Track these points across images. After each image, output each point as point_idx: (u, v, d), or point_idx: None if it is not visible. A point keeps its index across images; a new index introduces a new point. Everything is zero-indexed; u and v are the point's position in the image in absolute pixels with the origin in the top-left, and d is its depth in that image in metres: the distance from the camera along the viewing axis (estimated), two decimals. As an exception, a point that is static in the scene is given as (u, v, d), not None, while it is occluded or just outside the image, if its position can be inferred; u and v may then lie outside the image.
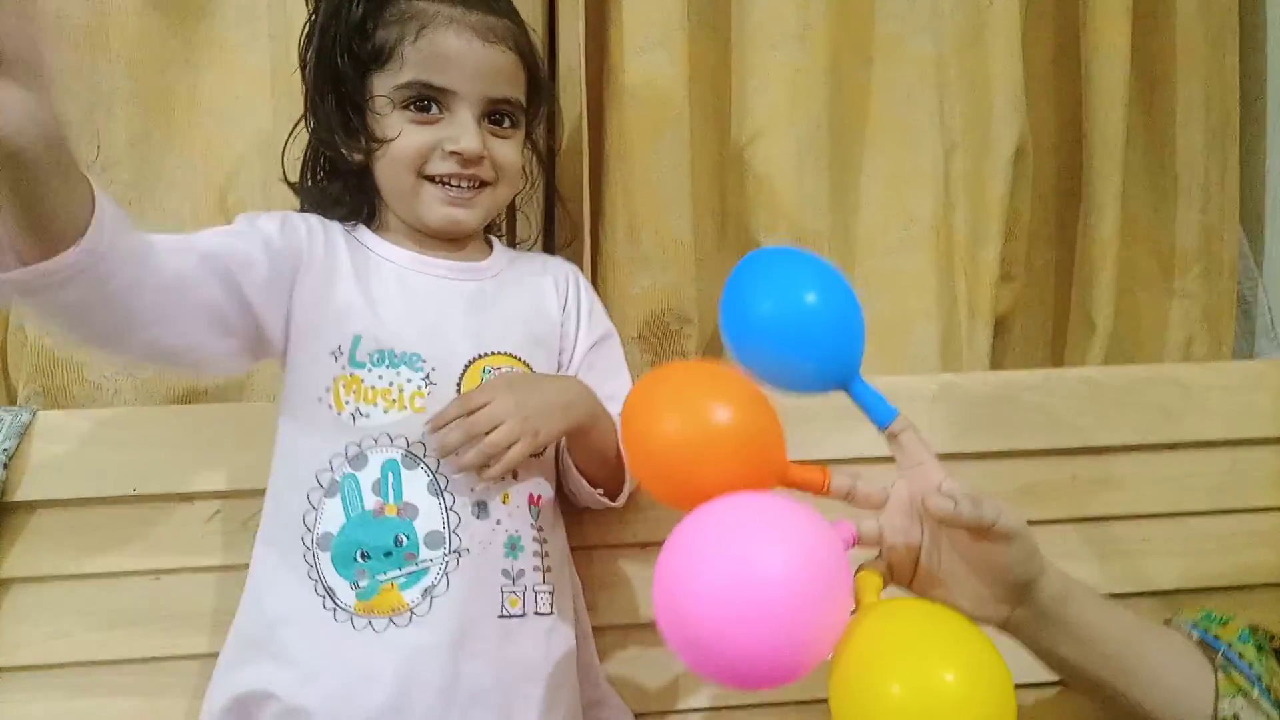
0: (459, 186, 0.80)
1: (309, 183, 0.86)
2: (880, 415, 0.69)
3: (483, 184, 0.81)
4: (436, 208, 0.80)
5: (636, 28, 0.99)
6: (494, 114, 0.81)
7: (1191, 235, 1.15)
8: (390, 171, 0.80)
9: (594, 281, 1.03)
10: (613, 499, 0.84)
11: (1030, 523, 0.91)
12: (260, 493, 0.86)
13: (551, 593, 0.78)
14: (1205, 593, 0.92)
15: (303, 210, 0.85)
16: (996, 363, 1.12)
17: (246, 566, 0.85)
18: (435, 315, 0.80)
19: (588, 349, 0.88)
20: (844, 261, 1.07)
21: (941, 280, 1.07)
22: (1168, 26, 1.13)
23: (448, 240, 0.84)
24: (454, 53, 0.77)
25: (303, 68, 0.83)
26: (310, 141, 0.85)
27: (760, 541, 0.56)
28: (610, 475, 0.83)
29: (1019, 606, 0.66)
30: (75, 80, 0.91)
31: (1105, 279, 1.10)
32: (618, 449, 0.80)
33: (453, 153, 0.78)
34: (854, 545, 0.66)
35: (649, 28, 0.99)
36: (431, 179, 0.79)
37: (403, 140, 0.78)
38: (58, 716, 0.83)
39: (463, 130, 0.78)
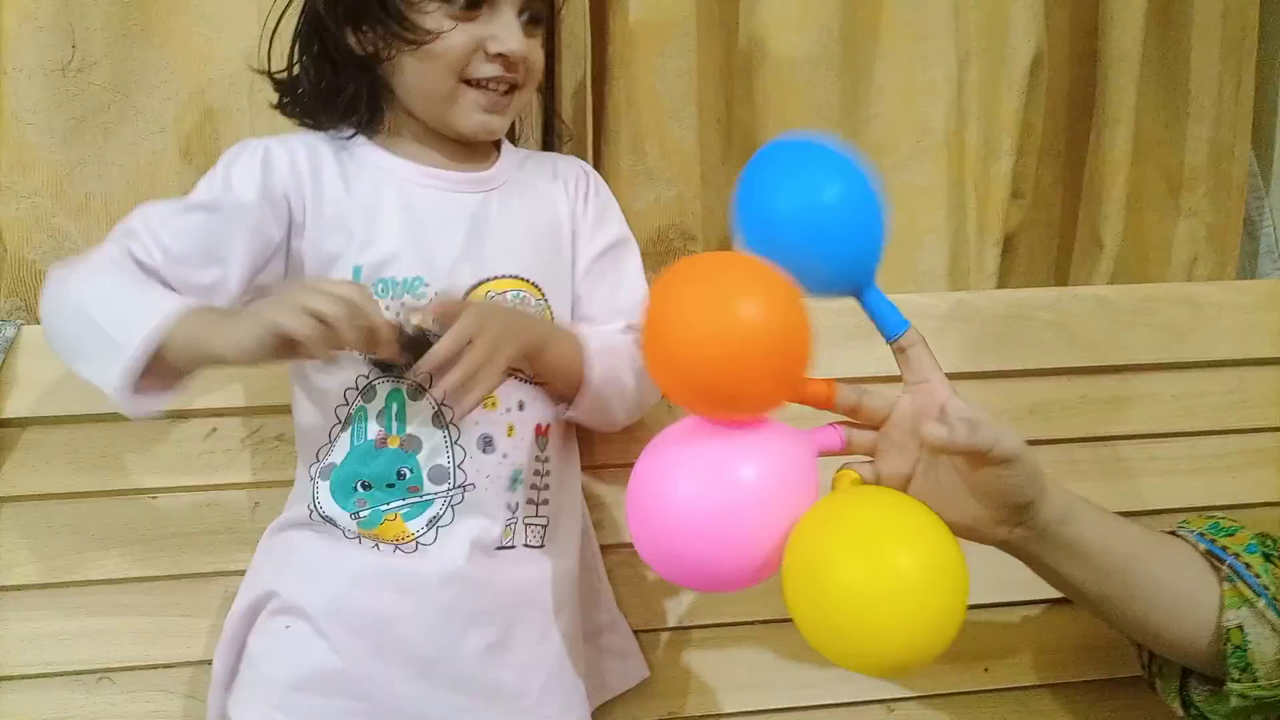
0: (496, 91, 0.75)
1: (302, 78, 0.78)
2: (891, 326, 0.67)
3: (513, 87, 0.76)
4: (474, 114, 0.75)
5: (643, -74, 0.94)
6: (525, 11, 0.75)
7: (1201, 153, 1.12)
8: (427, 72, 0.73)
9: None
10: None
11: (1038, 442, 0.93)
12: (258, 410, 0.85)
13: (544, 526, 0.77)
14: (1211, 510, 0.92)
15: (290, 112, 0.79)
16: (1002, 281, 1.11)
17: (243, 485, 0.85)
18: (436, 236, 0.75)
19: (595, 256, 0.83)
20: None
21: (952, 195, 1.05)
22: (1187, -65, 1.09)
23: (460, 145, 0.79)
24: None
25: None
26: (303, 29, 0.77)
27: (724, 452, 0.61)
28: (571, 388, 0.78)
29: (1018, 527, 0.65)
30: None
31: (1116, 197, 1.08)
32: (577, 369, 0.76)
33: (498, 55, 0.73)
34: (841, 450, 0.67)
35: (656, -74, 0.94)
36: (469, 82, 0.74)
37: (448, 38, 0.71)
38: (54, 637, 0.82)
39: (507, 30, 0.73)
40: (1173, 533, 0.77)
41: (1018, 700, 0.94)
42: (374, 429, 0.72)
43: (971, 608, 0.54)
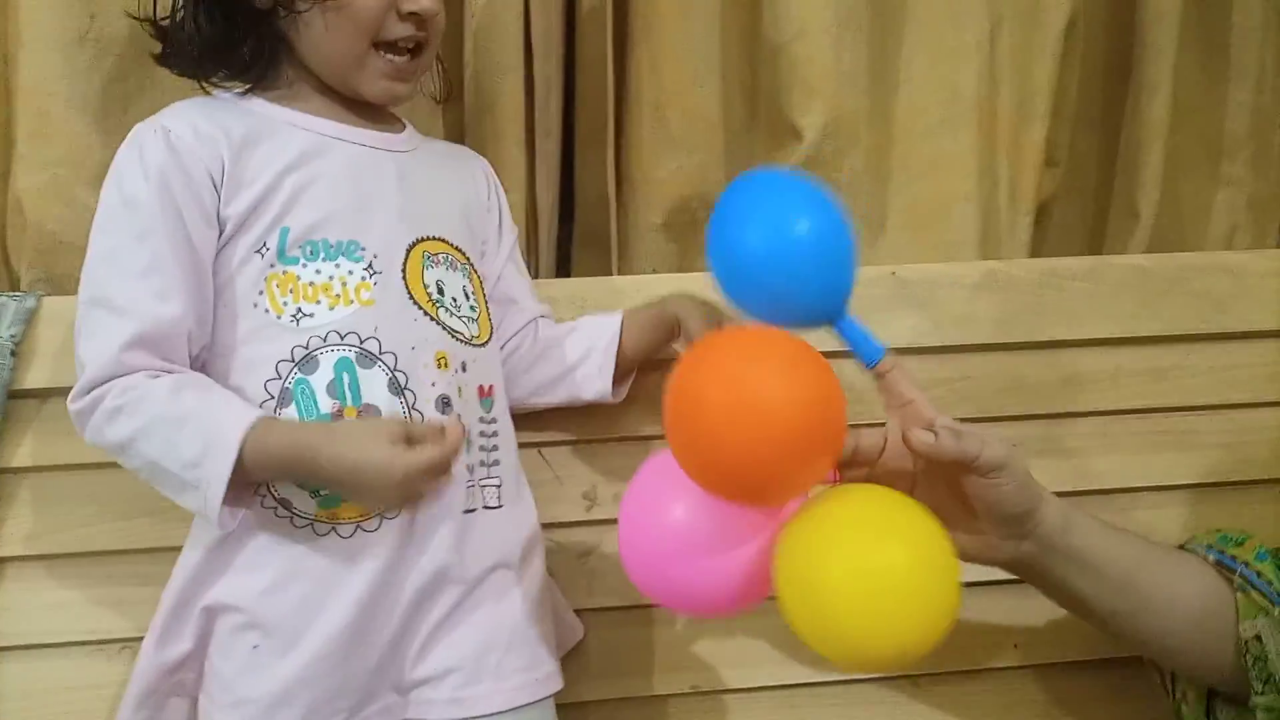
0: (405, 53, 0.73)
1: (194, 26, 0.72)
2: (868, 354, 0.66)
3: (419, 46, 0.74)
4: (378, 81, 0.73)
5: (665, -116, 0.92)
6: None
7: (1242, 119, 1.09)
8: (336, 31, 0.70)
9: (617, 164, 0.99)
10: None
11: (1073, 415, 0.91)
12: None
13: (498, 486, 0.76)
14: (1250, 485, 0.90)
15: (173, 64, 0.75)
16: (1034, 251, 1.08)
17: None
18: (367, 194, 0.73)
19: (512, 246, 0.87)
20: (882, 141, 1.02)
21: (983, 162, 1.02)
22: (1231, -112, 1.05)
23: (364, 104, 0.76)
24: None
25: None
26: None
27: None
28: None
29: (1022, 541, 0.65)
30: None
31: (1153, 164, 1.05)
32: None
33: (411, 13, 0.70)
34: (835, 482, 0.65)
35: (679, -116, 0.92)
36: (378, 45, 0.71)
37: None
38: (76, 606, 0.83)
39: None
40: (1180, 548, 0.76)
41: (1046, 677, 0.92)
42: (326, 402, 0.68)
43: (1000, 584, 0.53)
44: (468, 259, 0.79)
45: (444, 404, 0.72)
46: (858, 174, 0.98)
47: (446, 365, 0.73)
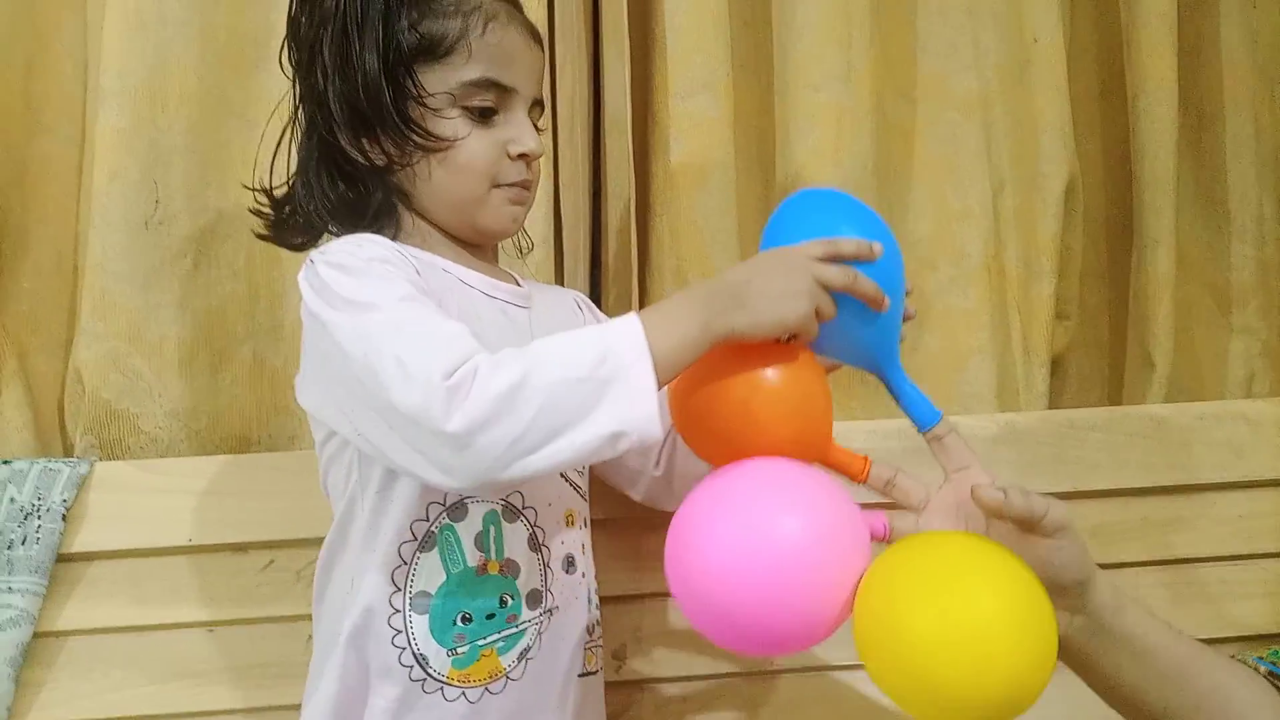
0: (519, 188, 0.73)
1: (320, 190, 0.72)
2: (924, 416, 0.67)
3: (526, 185, 0.75)
4: (503, 209, 0.73)
5: (681, 72, 1.00)
6: (533, 107, 0.75)
7: (1247, 270, 1.13)
8: (456, 179, 0.71)
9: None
10: None
11: (1101, 566, 0.91)
12: (314, 541, 0.86)
13: (601, 647, 0.75)
14: (1285, 638, 0.88)
15: (288, 233, 0.75)
16: (1053, 403, 1.10)
17: (300, 617, 0.85)
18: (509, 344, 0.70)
19: None
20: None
21: (994, 318, 1.06)
22: (1214, 60, 1.13)
23: (478, 249, 0.76)
24: (517, 50, 0.72)
25: (300, 59, 0.72)
26: (309, 143, 0.73)
27: (774, 510, 0.57)
28: None
29: (1075, 616, 0.63)
30: (135, 136, 0.93)
31: (1163, 316, 1.07)
32: None
33: (520, 155, 0.72)
34: (884, 537, 0.64)
35: (693, 72, 1.00)
36: (495, 186, 0.72)
37: (473, 144, 0.70)
38: (112, 772, 0.83)
39: (524, 131, 0.72)
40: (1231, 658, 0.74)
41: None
42: (474, 554, 0.66)
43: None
44: None
45: (569, 564, 0.71)
46: (873, 331, 1.02)
47: (573, 523, 0.73)
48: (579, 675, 0.71)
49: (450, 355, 0.57)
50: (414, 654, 0.65)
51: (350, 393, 0.60)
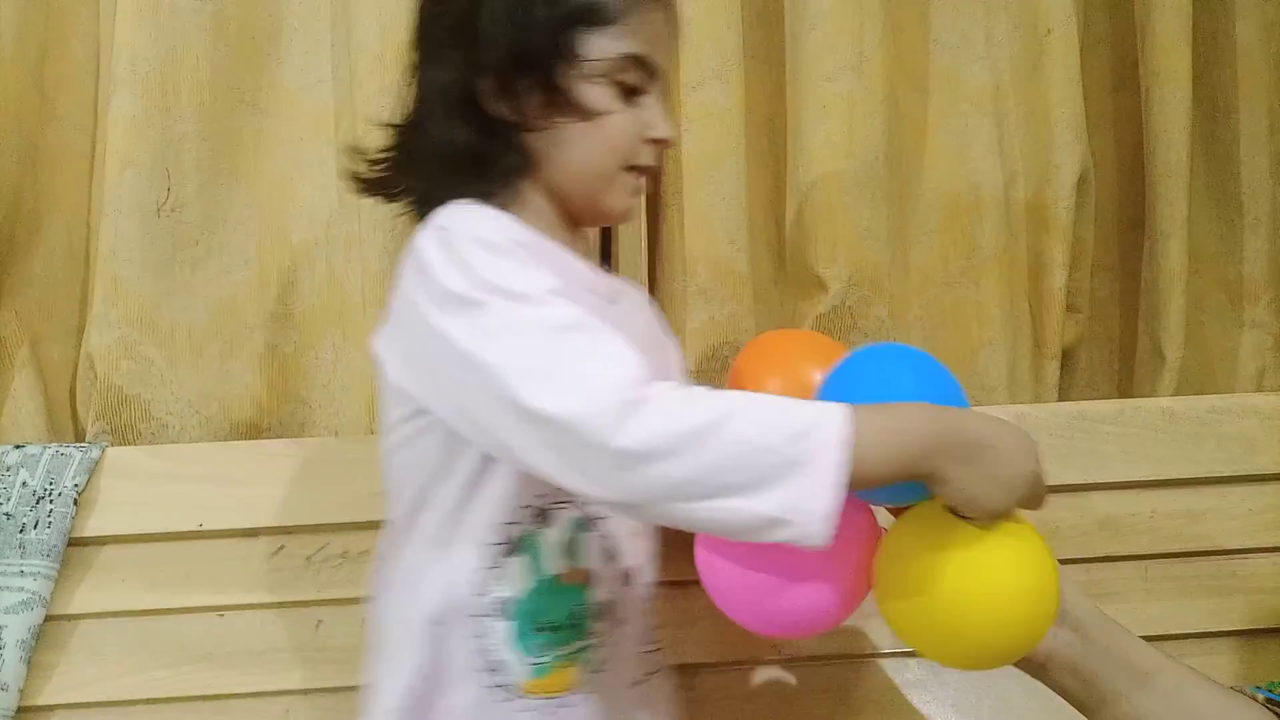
0: (642, 174, 0.71)
1: (447, 131, 0.67)
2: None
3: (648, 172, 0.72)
4: (625, 197, 0.70)
5: (692, 62, 1.00)
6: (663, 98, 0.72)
7: (1260, 264, 1.12)
8: (594, 150, 0.67)
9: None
10: None
11: (1111, 559, 0.91)
12: (324, 527, 0.87)
13: (656, 651, 0.75)
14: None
15: (387, 183, 0.72)
16: (1063, 395, 1.10)
17: (310, 603, 0.86)
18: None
19: None
20: (903, 292, 1.06)
21: (1005, 310, 1.05)
22: (1228, 52, 1.12)
23: (579, 232, 0.74)
24: (666, 34, 0.69)
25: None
26: (442, 79, 0.68)
27: None
28: None
29: (1059, 628, 0.63)
30: (147, 124, 0.93)
31: (1175, 310, 1.07)
32: None
33: (655, 140, 0.69)
34: None
35: (705, 62, 1.00)
36: (625, 167, 0.69)
37: (619, 120, 0.67)
38: (121, 755, 0.83)
39: (662, 117, 0.69)
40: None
41: None
42: (557, 562, 0.64)
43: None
44: None
45: (637, 575, 0.70)
46: (883, 322, 1.02)
47: (641, 534, 0.71)
48: (633, 684, 0.70)
49: (623, 368, 0.54)
50: (493, 659, 0.63)
51: (475, 382, 0.56)
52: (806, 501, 0.51)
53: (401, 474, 0.67)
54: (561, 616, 0.64)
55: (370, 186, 0.72)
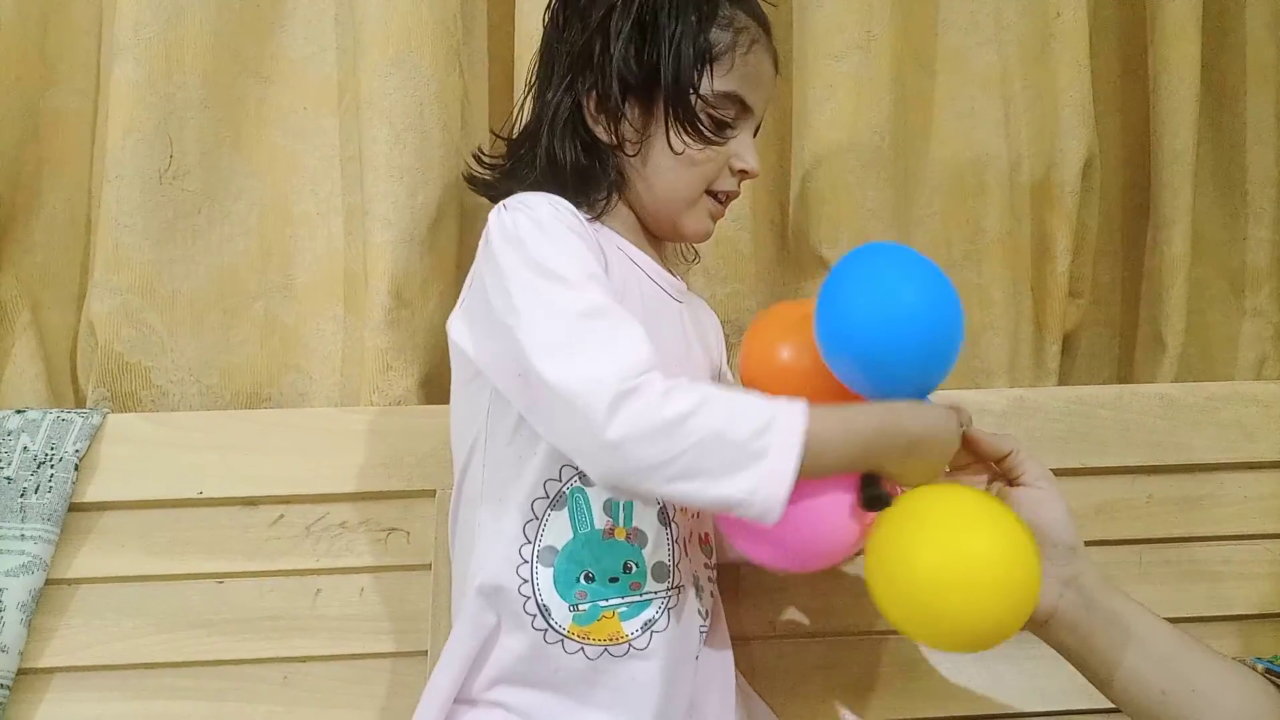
0: (724, 201, 0.77)
1: (561, 149, 0.74)
2: None
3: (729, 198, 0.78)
4: (704, 221, 0.77)
5: (700, 40, 0.99)
6: (757, 130, 0.78)
7: (1263, 253, 1.12)
8: (680, 175, 0.73)
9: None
10: None
11: (1106, 543, 0.91)
12: (324, 497, 0.87)
13: (708, 630, 0.76)
14: (1289, 618, 0.89)
15: (498, 187, 0.77)
16: (1063, 380, 1.10)
17: (309, 571, 0.86)
18: (660, 337, 0.68)
19: None
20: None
21: (1007, 294, 1.05)
22: (1238, 40, 1.11)
23: (658, 242, 0.80)
24: (765, 77, 0.75)
25: (584, 19, 0.73)
26: (561, 100, 0.74)
27: None
28: None
29: (1065, 588, 0.65)
30: (150, 90, 0.93)
31: (1176, 297, 1.07)
32: None
33: (740, 171, 0.75)
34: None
35: (713, 39, 0.99)
36: (708, 192, 0.76)
37: (707, 150, 0.73)
38: (122, 717, 0.83)
39: (749, 150, 0.75)
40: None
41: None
42: (601, 518, 0.68)
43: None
44: None
45: (698, 543, 0.75)
46: (885, 304, 1.02)
47: (688, 510, 0.74)
48: (694, 658, 0.72)
49: (630, 358, 0.60)
50: (538, 604, 0.67)
51: (507, 349, 0.63)
52: (764, 489, 0.58)
53: (457, 434, 0.74)
54: (604, 569, 0.68)
55: (483, 187, 0.80)
